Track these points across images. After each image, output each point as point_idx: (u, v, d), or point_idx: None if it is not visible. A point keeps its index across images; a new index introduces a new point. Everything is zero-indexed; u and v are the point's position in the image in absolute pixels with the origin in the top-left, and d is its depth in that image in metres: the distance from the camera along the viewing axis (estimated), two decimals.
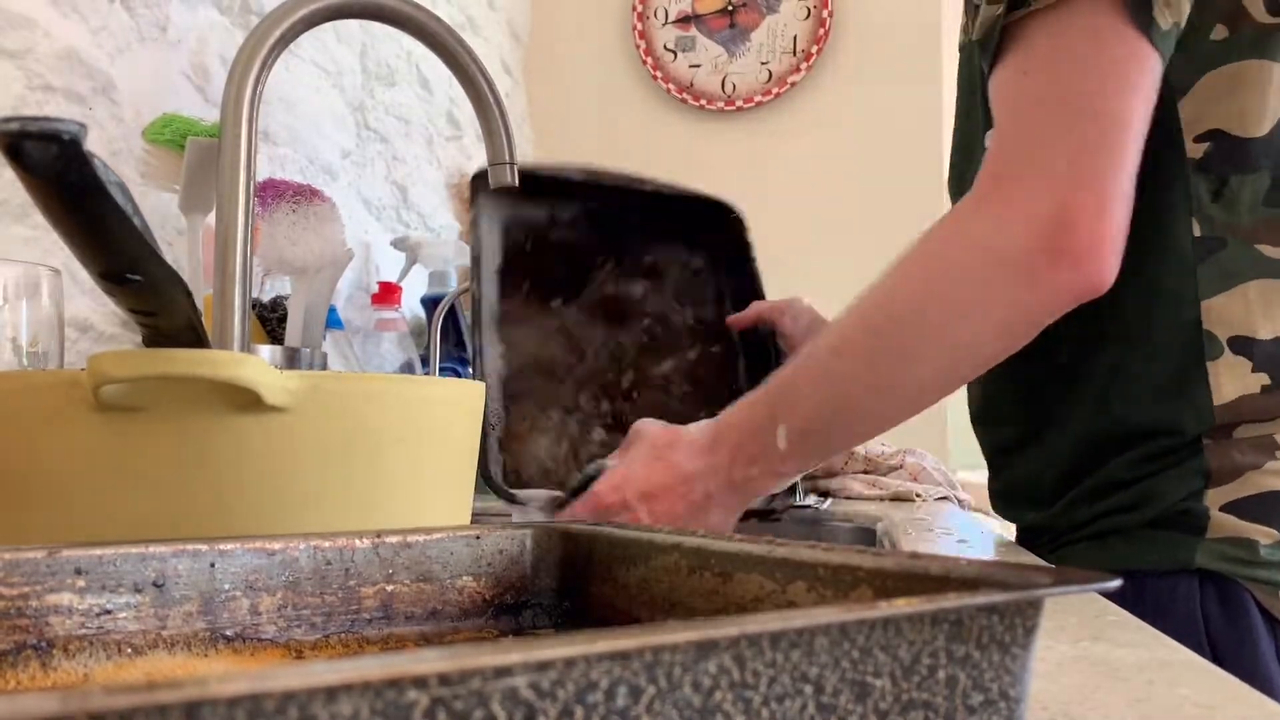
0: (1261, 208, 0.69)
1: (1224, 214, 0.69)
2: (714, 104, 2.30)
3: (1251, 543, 0.67)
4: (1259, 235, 0.69)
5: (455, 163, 1.95)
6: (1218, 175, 0.69)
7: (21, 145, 0.32)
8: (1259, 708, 0.29)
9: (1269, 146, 0.69)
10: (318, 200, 0.84)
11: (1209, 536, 0.68)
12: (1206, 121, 0.69)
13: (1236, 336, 0.69)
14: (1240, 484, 0.69)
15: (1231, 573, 0.68)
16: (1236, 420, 0.69)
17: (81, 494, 0.39)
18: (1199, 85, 0.68)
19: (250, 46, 0.66)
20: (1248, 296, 0.69)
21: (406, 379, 0.45)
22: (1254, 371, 0.69)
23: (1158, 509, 0.70)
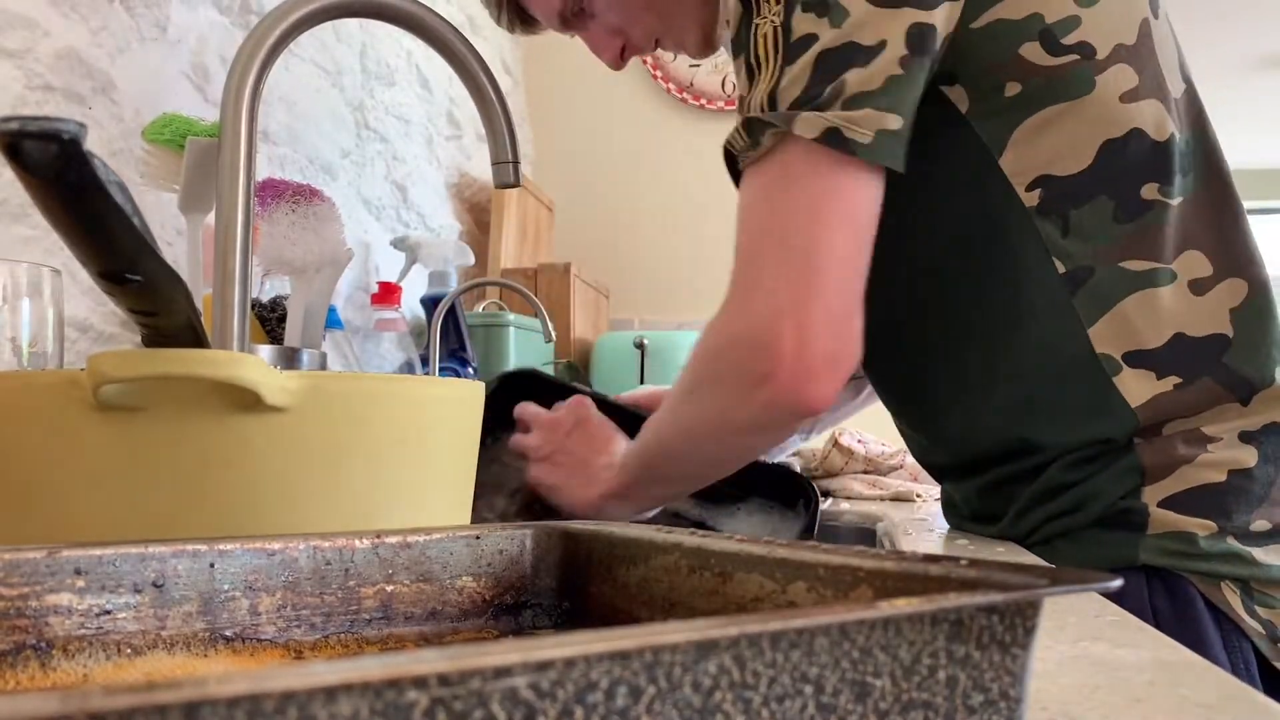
0: (1114, 227, 0.73)
1: (1080, 245, 0.73)
2: (714, 103, 2.30)
3: (1190, 535, 0.70)
4: (1119, 254, 0.73)
5: (455, 163, 1.95)
6: (1059, 214, 0.73)
7: (21, 145, 0.32)
8: (1259, 708, 0.29)
9: (1097, 174, 0.72)
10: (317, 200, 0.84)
11: (1150, 532, 0.71)
12: (1031, 170, 0.73)
13: (1129, 352, 0.72)
14: (1175, 479, 0.71)
15: (1174, 566, 0.70)
16: (1163, 418, 0.72)
17: (81, 494, 0.39)
18: (1011, 141, 0.73)
19: (250, 46, 0.66)
20: (1127, 313, 0.72)
21: (406, 379, 0.45)
22: (1160, 378, 0.72)
23: (1098, 509, 0.73)
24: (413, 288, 1.58)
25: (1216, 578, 0.69)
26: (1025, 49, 0.70)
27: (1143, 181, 0.73)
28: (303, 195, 0.84)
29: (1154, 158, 0.73)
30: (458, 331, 1.49)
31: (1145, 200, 0.73)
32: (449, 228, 1.91)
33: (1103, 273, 0.72)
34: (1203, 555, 0.69)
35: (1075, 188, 0.72)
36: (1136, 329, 0.72)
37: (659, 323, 2.20)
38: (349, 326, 1.34)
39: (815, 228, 0.65)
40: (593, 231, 2.30)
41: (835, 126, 0.64)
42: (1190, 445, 0.71)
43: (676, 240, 2.29)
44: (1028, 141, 0.72)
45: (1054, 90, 0.71)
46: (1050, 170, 0.72)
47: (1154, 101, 0.73)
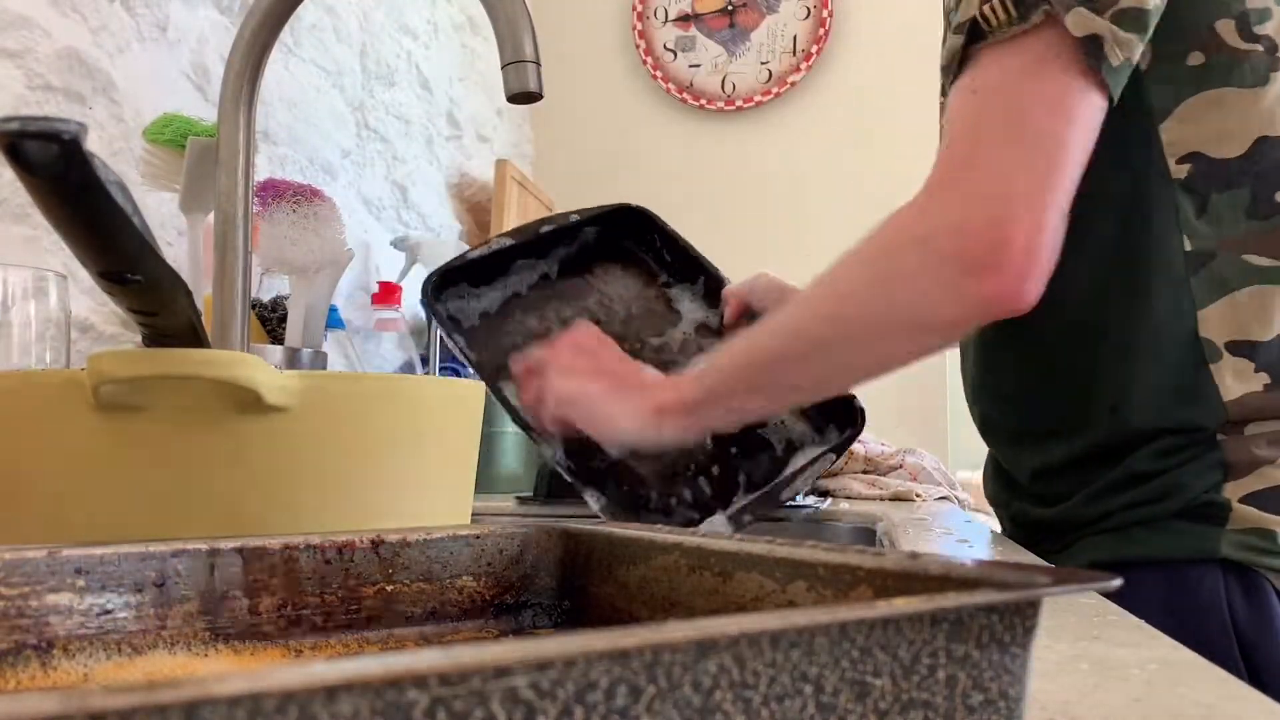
0: (1245, 220, 0.73)
1: (1210, 228, 0.73)
2: (714, 104, 2.30)
3: (1271, 533, 0.70)
4: (1246, 246, 0.73)
5: (455, 162, 1.95)
6: (1200, 194, 0.73)
7: (21, 145, 0.32)
8: (1259, 708, 0.29)
9: (1246, 165, 0.73)
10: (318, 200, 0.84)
11: (1230, 527, 0.71)
12: (1187, 144, 0.73)
13: (1233, 340, 0.73)
14: (1257, 477, 0.71)
15: (1253, 562, 0.70)
16: (1248, 417, 0.72)
17: (81, 494, 0.39)
18: (1178, 110, 0.73)
19: (245, 40, 0.66)
20: (1240, 302, 0.73)
21: (406, 379, 0.45)
22: (1256, 371, 0.72)
23: (1181, 501, 0.72)
24: (413, 288, 1.58)
25: None
26: (1220, 25, 0.71)
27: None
28: (303, 195, 0.84)
29: None
30: None
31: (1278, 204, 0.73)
32: (449, 228, 1.91)
33: (1224, 259, 0.73)
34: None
35: (1223, 172, 0.73)
36: (1246, 320, 0.73)
37: None
38: (349, 326, 1.34)
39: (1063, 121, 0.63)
40: None
41: (1100, 35, 0.63)
42: (1273, 446, 0.72)
43: None
44: (1192, 116, 0.72)
45: (1233, 72, 0.71)
46: (1204, 149, 0.72)
47: None
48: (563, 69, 2.24)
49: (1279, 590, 0.70)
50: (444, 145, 1.90)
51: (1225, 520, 0.71)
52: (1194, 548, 0.71)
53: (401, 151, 1.70)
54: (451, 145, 1.93)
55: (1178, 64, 0.72)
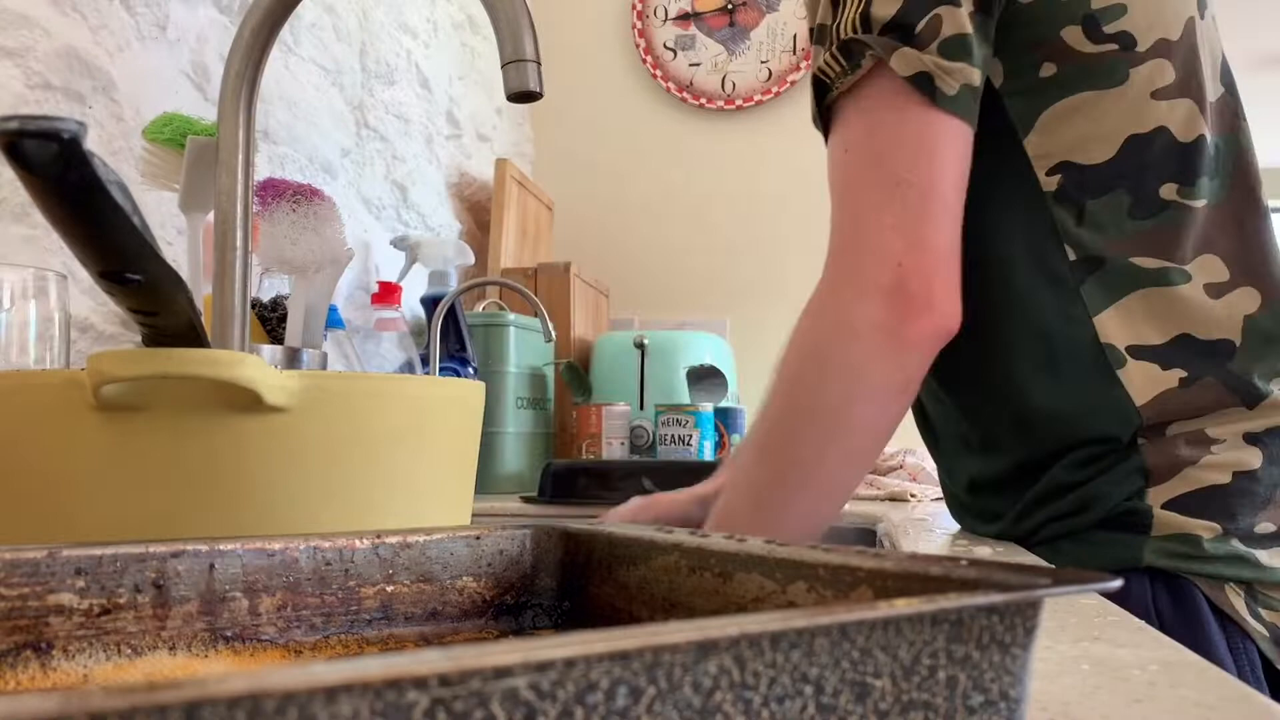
0: (1129, 222, 0.72)
1: (1093, 235, 0.73)
2: (714, 103, 2.30)
3: (1195, 538, 0.69)
4: (1131, 249, 0.72)
5: (455, 162, 1.95)
6: (1075, 203, 0.73)
7: (21, 144, 0.32)
8: (1259, 708, 0.29)
9: (1119, 167, 0.72)
10: (318, 199, 0.84)
11: (1154, 534, 0.70)
12: (1054, 155, 0.73)
13: (1133, 345, 0.72)
14: (1179, 480, 0.70)
15: (1178, 569, 0.69)
16: (1167, 418, 0.71)
17: (81, 494, 0.39)
18: (1039, 122, 0.73)
19: (245, 39, 0.66)
20: (1131, 309, 0.72)
21: (406, 379, 0.45)
22: (1165, 369, 0.71)
23: (1102, 510, 0.72)
24: (413, 287, 1.58)
25: (1221, 580, 0.69)
26: (1067, 32, 0.71)
27: (1163, 181, 0.72)
28: (303, 195, 0.84)
29: (1177, 158, 0.73)
30: (458, 331, 1.49)
31: (1163, 200, 0.72)
32: (449, 227, 1.91)
33: (1112, 264, 0.72)
34: (1207, 557, 0.69)
35: (1095, 178, 0.72)
36: (1140, 324, 0.72)
37: (659, 322, 2.20)
38: (349, 326, 1.34)
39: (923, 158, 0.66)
40: (593, 231, 2.30)
41: (928, 71, 0.66)
42: (1194, 446, 0.71)
43: (676, 239, 2.29)
44: (1055, 125, 0.72)
45: (1088, 77, 0.71)
46: (1073, 158, 0.72)
47: (1187, 101, 0.73)
48: (563, 68, 2.24)
49: (1207, 595, 0.69)
50: (444, 145, 1.90)
51: (1149, 528, 0.70)
52: (1117, 557, 0.71)
53: (401, 151, 1.70)
54: (451, 145, 1.93)
55: (1030, 76, 0.72)
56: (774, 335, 1.06)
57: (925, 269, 0.65)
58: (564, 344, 1.79)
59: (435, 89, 1.85)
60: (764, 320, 2.18)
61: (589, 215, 2.31)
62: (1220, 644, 0.68)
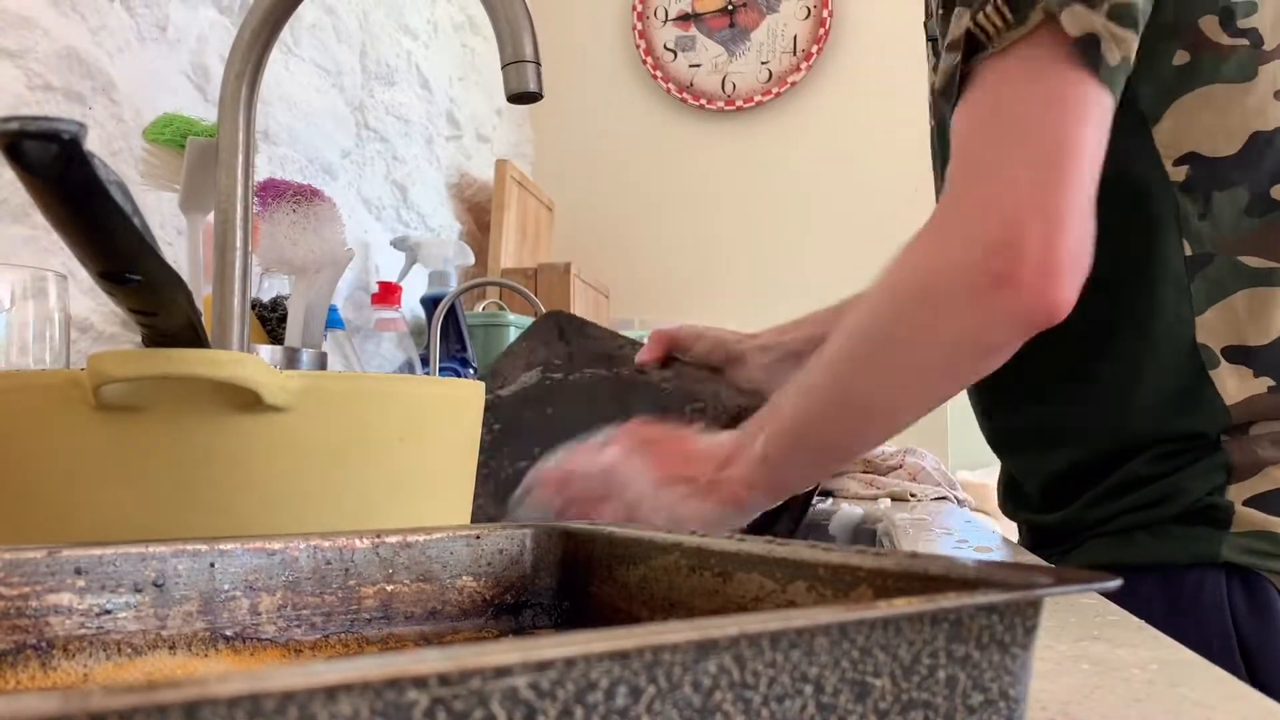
0: (1244, 219, 0.72)
1: (1210, 230, 0.72)
2: (714, 104, 2.30)
3: (1276, 536, 0.69)
4: (1242, 248, 0.72)
5: (455, 163, 1.95)
6: (1201, 194, 0.72)
7: (21, 145, 0.32)
8: (1258, 708, 0.29)
9: (1242, 162, 0.72)
10: (318, 200, 0.84)
11: (1234, 530, 0.70)
12: (1182, 145, 0.72)
13: (1229, 346, 0.72)
14: (1261, 478, 0.70)
15: (1256, 566, 0.69)
16: (1252, 418, 0.71)
17: (81, 494, 0.39)
18: (1169, 112, 0.71)
19: (245, 39, 0.66)
20: (1235, 308, 0.72)
21: (406, 379, 0.45)
22: (1256, 376, 0.71)
23: (1182, 504, 0.71)
24: (413, 288, 1.58)
25: None
26: (1204, 21, 0.70)
27: (1276, 180, 0.72)
28: (303, 195, 0.84)
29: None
30: (458, 331, 1.49)
31: (1273, 199, 0.72)
32: (449, 228, 1.91)
33: (1221, 262, 0.72)
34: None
35: (1220, 171, 0.72)
36: (1242, 324, 0.72)
37: (659, 323, 2.19)
38: (349, 326, 1.34)
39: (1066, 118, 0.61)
40: (593, 231, 2.30)
41: (1097, 33, 0.61)
42: (1276, 447, 0.71)
43: (677, 240, 2.29)
44: (1184, 115, 0.71)
45: (1219, 69, 0.71)
46: (1199, 149, 0.71)
47: None
48: (563, 69, 2.24)
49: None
50: (444, 145, 1.90)
51: (1229, 523, 0.70)
52: (1194, 552, 0.70)
53: (401, 151, 1.70)
54: (451, 145, 1.93)
55: (1164, 64, 0.70)
56: None
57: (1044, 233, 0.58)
58: None
59: (435, 90, 1.86)
60: (764, 321, 2.18)
61: (589, 215, 2.31)
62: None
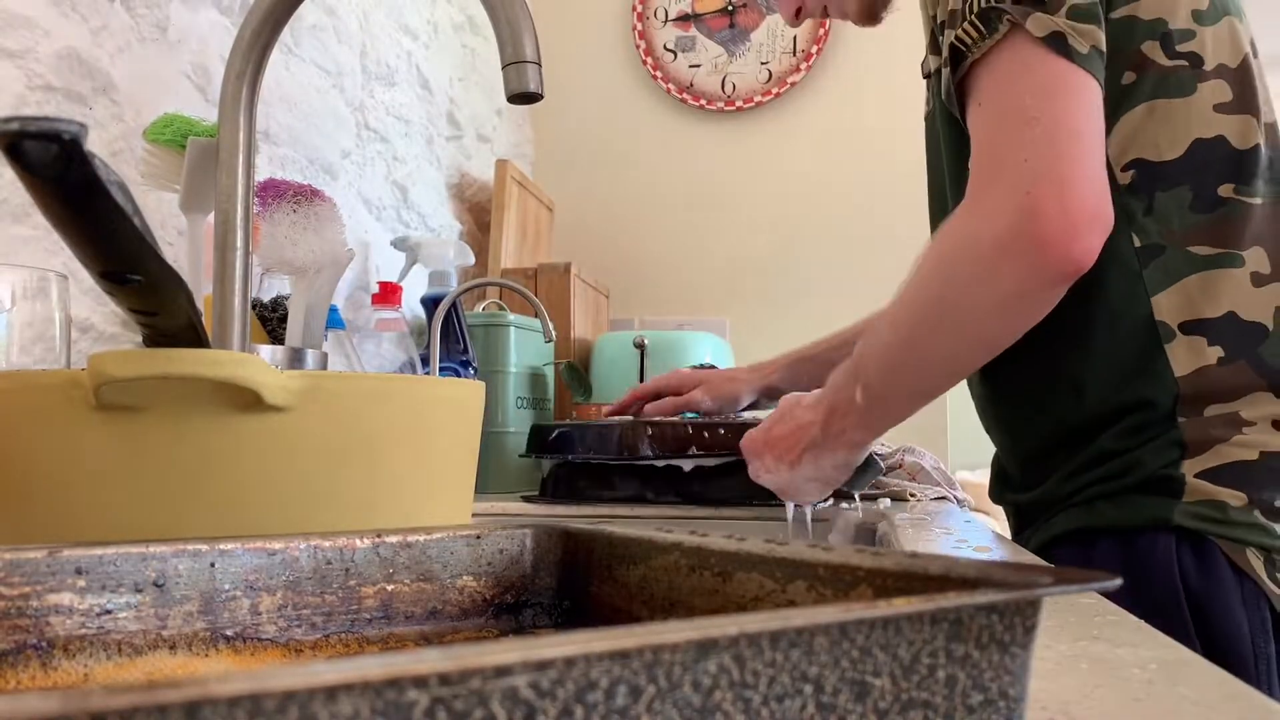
0: (1189, 214, 0.81)
1: (1157, 225, 0.82)
2: (714, 104, 2.30)
3: (1222, 504, 0.76)
4: (1190, 239, 0.81)
5: (455, 163, 1.95)
6: (1145, 195, 0.82)
7: (22, 145, 0.32)
8: (1258, 707, 0.29)
9: (1185, 165, 0.82)
10: (318, 200, 0.84)
11: (1185, 499, 0.78)
12: (1129, 154, 0.82)
13: (1186, 321, 0.80)
14: (1212, 454, 0.78)
15: (1204, 530, 0.76)
16: (1203, 396, 0.79)
17: (81, 493, 0.39)
18: (1118, 125, 0.82)
19: (245, 40, 0.66)
20: (1189, 289, 0.81)
21: (406, 379, 0.45)
22: (1210, 345, 0.80)
23: (1140, 475, 0.80)
24: (413, 288, 1.58)
25: (1242, 544, 0.75)
26: (1146, 46, 0.81)
27: (1221, 181, 0.81)
28: (304, 195, 0.84)
29: (1235, 162, 0.82)
30: (458, 331, 1.49)
31: (1221, 197, 0.81)
32: (449, 228, 1.91)
33: (1172, 252, 0.81)
34: (1232, 523, 0.76)
35: (1164, 174, 0.81)
36: (1197, 301, 0.80)
37: (659, 323, 2.20)
38: (349, 326, 1.34)
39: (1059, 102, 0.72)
40: (593, 231, 2.30)
41: (1061, 31, 0.73)
42: (1227, 427, 0.78)
43: (677, 240, 2.29)
44: (1131, 128, 0.81)
45: (1163, 86, 0.81)
46: (1145, 155, 0.81)
47: (1245, 116, 0.82)
48: (563, 69, 2.24)
49: (1229, 556, 0.75)
50: (444, 145, 1.90)
51: (1181, 493, 0.78)
52: (1149, 516, 0.78)
53: (401, 151, 1.70)
54: (451, 145, 1.93)
55: (1114, 83, 0.80)
56: (774, 335, 1.06)
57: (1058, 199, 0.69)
58: (564, 344, 1.79)
59: (436, 90, 1.86)
60: (764, 320, 2.18)
61: (589, 216, 2.31)
62: (1235, 595, 0.75)
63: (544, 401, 1.63)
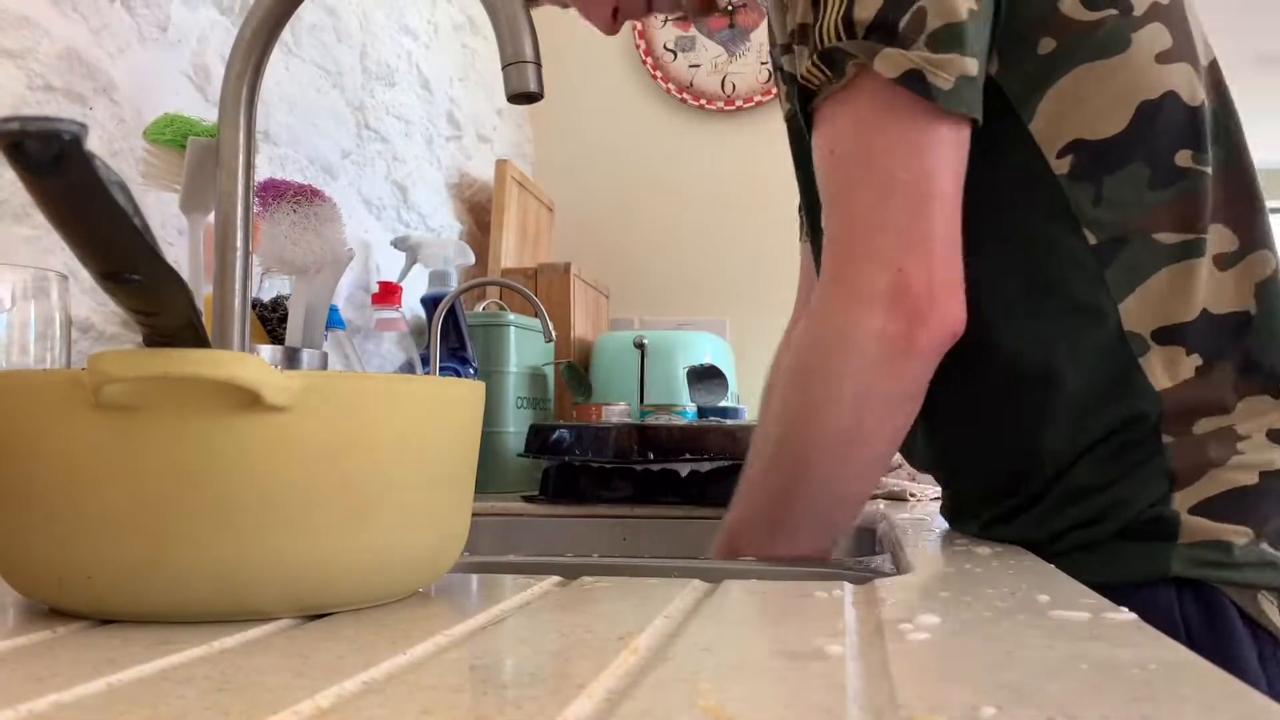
0: (1149, 194, 0.69)
1: (1112, 215, 0.69)
2: (714, 104, 2.30)
3: (1226, 544, 0.66)
4: (1153, 224, 0.69)
5: (455, 163, 1.95)
6: (1091, 182, 0.69)
7: (22, 145, 0.32)
8: (1259, 708, 0.29)
9: (1132, 137, 0.69)
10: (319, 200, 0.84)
11: (1182, 541, 0.66)
12: (1063, 135, 0.69)
13: (1160, 328, 0.69)
14: (1207, 482, 0.67)
15: (1208, 577, 0.66)
16: (1190, 410, 0.68)
17: (82, 493, 0.39)
18: (1044, 103, 0.69)
19: (245, 40, 0.66)
20: (1159, 289, 0.69)
21: (406, 379, 0.45)
22: (1188, 354, 0.69)
23: (1125, 518, 0.68)
24: (413, 288, 1.59)
25: (1253, 588, 0.66)
26: (1065, 4, 0.68)
27: (1177, 147, 0.69)
28: (304, 195, 0.84)
29: (1188, 123, 0.70)
30: (458, 331, 1.49)
31: (1180, 168, 0.69)
32: (449, 228, 1.91)
33: (1136, 244, 0.69)
34: (1237, 565, 0.66)
35: (1109, 152, 0.69)
36: (1168, 304, 0.69)
37: (659, 323, 2.20)
38: (350, 326, 1.34)
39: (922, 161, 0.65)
40: (593, 231, 2.30)
41: (918, 69, 0.63)
42: (1221, 446, 0.68)
43: (676, 240, 2.29)
44: (1060, 104, 0.69)
45: (1089, 47, 0.68)
46: (1083, 134, 0.69)
47: (1186, 65, 0.70)
48: (563, 69, 2.24)
49: (1238, 605, 0.65)
50: (444, 145, 1.90)
51: (1175, 534, 0.66)
52: (1143, 569, 0.67)
53: (401, 151, 1.70)
54: (451, 145, 1.93)
55: (1029, 58, 0.68)
56: (774, 335, 1.06)
57: (926, 271, 0.64)
58: (564, 344, 1.80)
59: (436, 90, 1.86)
60: (764, 320, 2.18)
61: (589, 215, 2.31)
62: (1252, 656, 0.65)
63: (544, 401, 1.63)
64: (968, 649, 0.36)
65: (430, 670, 0.33)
